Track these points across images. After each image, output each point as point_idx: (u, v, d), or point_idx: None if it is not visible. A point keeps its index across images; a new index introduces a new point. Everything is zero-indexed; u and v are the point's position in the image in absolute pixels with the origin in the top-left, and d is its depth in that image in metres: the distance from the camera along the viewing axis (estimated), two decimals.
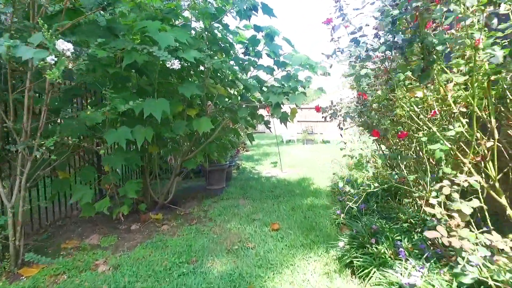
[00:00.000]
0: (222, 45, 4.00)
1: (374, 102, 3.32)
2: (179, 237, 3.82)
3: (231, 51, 4.10)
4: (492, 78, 2.11)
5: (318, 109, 2.85)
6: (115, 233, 4.03)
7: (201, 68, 4.14)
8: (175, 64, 2.68)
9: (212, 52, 3.78)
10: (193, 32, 3.94)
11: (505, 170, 2.43)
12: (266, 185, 6.42)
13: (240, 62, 4.24)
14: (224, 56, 4.14)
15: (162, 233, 3.97)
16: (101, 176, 4.10)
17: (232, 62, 4.30)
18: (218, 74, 4.34)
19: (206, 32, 3.85)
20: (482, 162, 2.29)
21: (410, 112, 2.73)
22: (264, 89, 4.22)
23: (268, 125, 4.67)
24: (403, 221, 3.26)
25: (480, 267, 1.90)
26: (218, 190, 6.24)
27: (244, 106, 4.09)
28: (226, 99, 4.35)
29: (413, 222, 3.16)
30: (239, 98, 4.35)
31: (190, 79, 4.07)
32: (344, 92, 6.56)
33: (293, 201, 5.07)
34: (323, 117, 3.23)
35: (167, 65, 2.72)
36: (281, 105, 3.87)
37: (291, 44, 3.96)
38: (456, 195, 2.03)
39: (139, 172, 5.99)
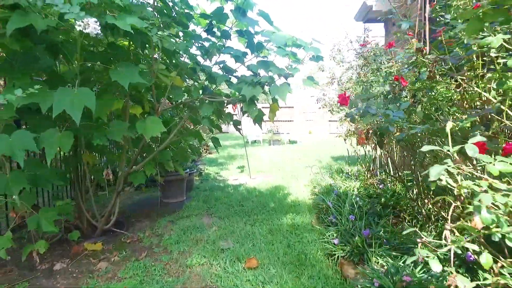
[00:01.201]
0: (177, 17, 2.94)
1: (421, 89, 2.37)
2: (120, 282, 2.75)
3: (190, 28, 3.06)
4: None
5: (344, 99, 1.93)
6: (29, 277, 2.88)
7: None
8: (91, 27, 1.63)
9: (162, 25, 2.72)
10: None
11: None
12: (234, 197, 5.43)
13: (202, 44, 3.24)
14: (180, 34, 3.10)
15: (97, 275, 2.88)
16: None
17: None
18: (174, 61, 3.29)
19: None
20: None
21: None
22: (234, 80, 3.24)
23: (239, 126, 3.70)
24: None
25: None
26: (177, 204, 5.19)
27: (207, 101, 3.09)
28: (184, 93, 3.32)
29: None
30: (200, 91, 3.33)
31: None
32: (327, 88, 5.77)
33: (269, 219, 4.13)
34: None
35: (78, 28, 1.67)
36: (256, 101, 2.93)
37: (270, 21, 3.00)
38: None
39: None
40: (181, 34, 3.17)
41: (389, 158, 4.49)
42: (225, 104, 3.49)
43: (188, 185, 6.12)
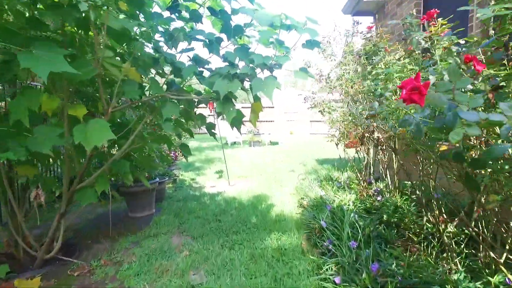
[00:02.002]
0: None
1: None
2: None
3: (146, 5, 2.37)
4: None
5: (416, 94, 1.28)
6: None
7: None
8: None
9: None
10: None
11: None
12: (211, 209, 4.76)
13: (167, 29, 2.56)
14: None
15: None
16: None
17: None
18: (127, 49, 2.60)
19: None
20: None
21: None
22: (207, 74, 2.58)
23: (213, 130, 3.04)
24: None
25: None
26: (144, 219, 4.48)
27: (172, 100, 2.41)
28: (146, 90, 2.64)
29: None
30: (164, 87, 2.65)
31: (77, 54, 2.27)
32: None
33: (251, 240, 3.49)
34: None
35: None
36: (234, 99, 2.29)
37: None
38: None
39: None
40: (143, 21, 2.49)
41: (387, 164, 3.95)
42: (197, 104, 2.83)
43: (159, 195, 5.41)
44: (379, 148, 3.80)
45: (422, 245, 2.81)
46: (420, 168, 2.62)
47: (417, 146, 2.19)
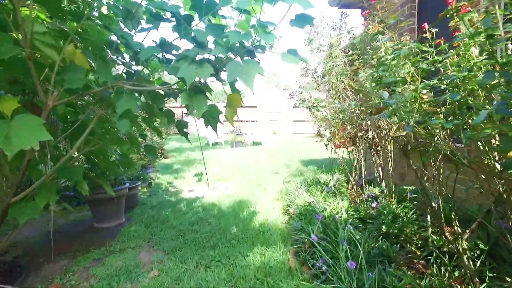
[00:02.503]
0: None
1: None
2: None
3: None
4: None
5: None
6: None
7: None
8: None
9: None
10: None
11: None
12: (187, 218, 4.28)
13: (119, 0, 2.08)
14: None
15: None
16: None
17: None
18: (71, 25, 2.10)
19: None
20: None
21: None
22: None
23: (185, 129, 2.57)
24: None
25: None
26: (112, 230, 3.99)
27: (129, 91, 1.93)
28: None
29: None
30: (124, 76, 2.16)
31: None
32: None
33: (231, 256, 3.03)
34: None
35: None
36: (208, 92, 1.84)
37: None
38: None
39: None
40: None
41: (380, 166, 3.56)
42: (164, 97, 2.35)
43: (130, 201, 4.89)
44: (373, 149, 3.42)
45: (421, 255, 2.44)
46: (435, 173, 2.23)
47: (441, 148, 1.79)
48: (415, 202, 3.00)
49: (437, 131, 1.82)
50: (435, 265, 2.14)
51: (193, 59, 1.70)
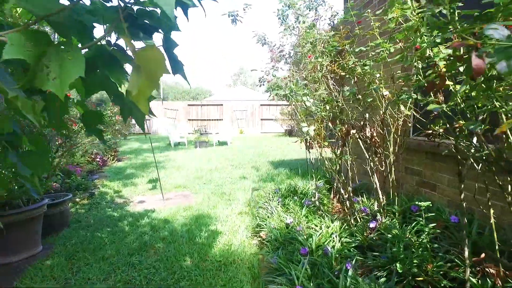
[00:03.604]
0: None
1: None
2: None
3: None
4: None
5: None
6: None
7: None
8: None
9: None
10: None
11: None
12: (127, 243, 3.27)
13: None
14: None
15: None
16: None
17: None
18: None
19: None
20: None
21: None
22: None
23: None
24: None
25: None
26: (18, 266, 2.91)
27: None
28: None
29: None
30: None
31: None
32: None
33: None
34: None
35: None
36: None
37: None
38: None
39: None
40: None
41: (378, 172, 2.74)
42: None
43: (57, 220, 3.80)
44: (371, 150, 2.60)
45: None
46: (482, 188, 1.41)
47: None
48: (433, 226, 2.20)
49: None
50: None
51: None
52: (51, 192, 4.53)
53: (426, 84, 1.45)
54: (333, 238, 2.37)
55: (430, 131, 1.72)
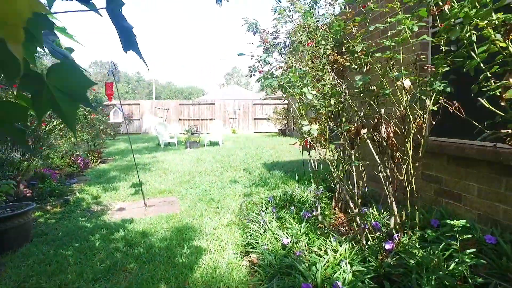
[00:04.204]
0: None
1: None
2: None
3: None
4: None
5: None
6: None
7: None
8: None
9: None
10: None
11: None
12: (95, 264, 2.75)
13: None
14: None
15: None
16: None
17: None
18: None
19: None
20: None
21: None
22: None
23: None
24: None
25: None
26: None
27: None
28: None
29: None
30: None
31: None
32: None
33: None
34: None
35: None
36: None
37: None
38: None
39: None
40: None
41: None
42: None
43: (15, 235, 3.26)
44: (389, 154, 2.11)
45: None
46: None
47: None
48: (471, 251, 1.73)
49: None
50: None
51: None
52: (9, 201, 3.99)
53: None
54: (342, 266, 1.89)
55: (506, 132, 1.23)
